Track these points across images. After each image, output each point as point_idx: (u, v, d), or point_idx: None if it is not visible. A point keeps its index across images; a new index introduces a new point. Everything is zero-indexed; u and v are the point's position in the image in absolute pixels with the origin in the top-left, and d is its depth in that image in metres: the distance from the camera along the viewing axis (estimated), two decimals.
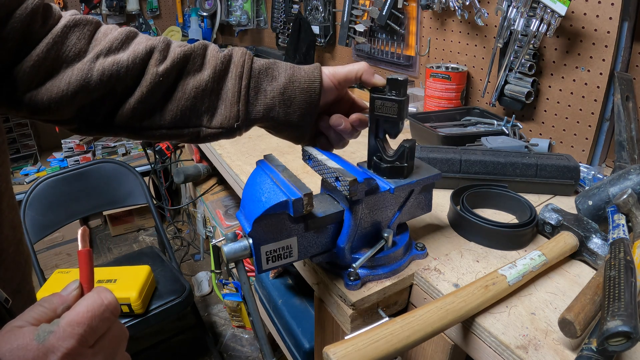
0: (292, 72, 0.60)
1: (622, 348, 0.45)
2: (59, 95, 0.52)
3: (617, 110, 0.92)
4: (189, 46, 0.58)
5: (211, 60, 0.59)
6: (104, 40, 0.55)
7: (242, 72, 0.58)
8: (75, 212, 1.62)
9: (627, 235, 0.61)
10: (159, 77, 0.55)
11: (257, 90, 0.59)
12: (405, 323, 0.53)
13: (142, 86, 0.55)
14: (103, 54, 0.54)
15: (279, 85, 0.59)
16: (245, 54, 0.60)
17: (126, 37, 0.57)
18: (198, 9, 2.71)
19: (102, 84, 0.53)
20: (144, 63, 0.56)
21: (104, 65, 0.53)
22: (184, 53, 0.57)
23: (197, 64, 0.58)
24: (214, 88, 0.58)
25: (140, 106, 0.56)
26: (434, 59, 1.44)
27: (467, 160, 0.89)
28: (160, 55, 0.56)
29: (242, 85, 0.58)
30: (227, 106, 0.59)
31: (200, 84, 0.57)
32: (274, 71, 0.60)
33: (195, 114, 0.59)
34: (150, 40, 0.58)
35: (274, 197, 0.56)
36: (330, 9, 1.85)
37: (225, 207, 1.95)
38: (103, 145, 2.78)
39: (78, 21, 0.54)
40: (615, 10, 0.91)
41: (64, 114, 0.55)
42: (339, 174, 0.59)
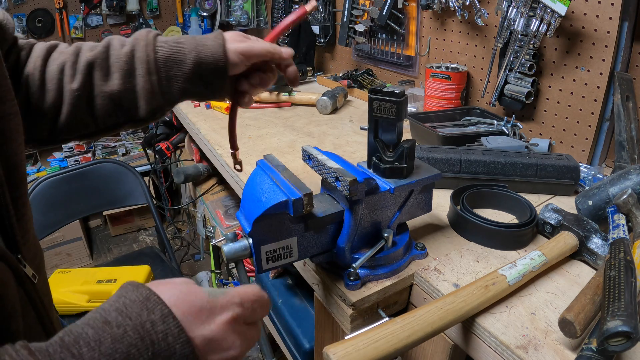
0: (197, 52, 0.61)
1: (622, 348, 0.45)
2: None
3: (617, 110, 0.92)
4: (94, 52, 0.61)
5: (115, 62, 0.60)
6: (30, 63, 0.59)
7: (148, 67, 0.60)
8: (75, 212, 1.62)
9: (627, 235, 0.61)
10: (75, 93, 0.59)
11: (168, 79, 0.62)
12: (405, 323, 0.53)
13: (65, 104, 0.59)
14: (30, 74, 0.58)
15: (187, 69, 0.61)
16: (146, 45, 0.61)
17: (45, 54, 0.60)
18: (198, 9, 2.71)
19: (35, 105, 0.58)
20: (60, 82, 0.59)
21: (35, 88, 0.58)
22: (88, 62, 0.60)
23: (104, 69, 0.60)
24: (127, 88, 0.61)
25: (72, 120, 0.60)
26: (434, 59, 1.44)
27: (467, 160, 0.89)
28: (70, 71, 0.59)
29: (152, 80, 0.60)
30: (146, 101, 0.61)
31: (113, 89, 0.60)
32: (179, 54, 0.61)
33: (121, 112, 0.62)
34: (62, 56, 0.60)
35: (274, 197, 0.56)
36: (330, 9, 1.85)
37: (225, 207, 1.95)
38: (103, 146, 2.78)
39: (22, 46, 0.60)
40: (615, 10, 0.91)
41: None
42: (339, 174, 0.59)
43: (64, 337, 0.33)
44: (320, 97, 1.46)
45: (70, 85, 0.59)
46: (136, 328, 0.34)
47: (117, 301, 0.36)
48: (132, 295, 0.37)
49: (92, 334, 0.33)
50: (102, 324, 0.34)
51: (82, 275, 1.52)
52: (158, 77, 0.61)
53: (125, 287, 0.38)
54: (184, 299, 0.38)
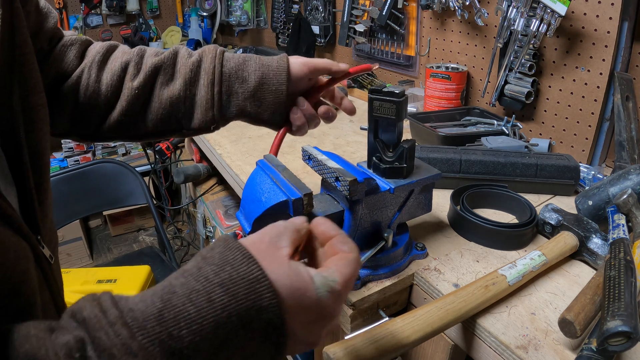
0: (262, 73, 0.64)
1: (622, 348, 0.45)
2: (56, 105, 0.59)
3: (617, 110, 0.92)
4: (160, 57, 0.63)
5: (181, 69, 0.63)
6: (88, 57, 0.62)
7: (213, 79, 0.62)
8: (75, 212, 1.62)
9: (627, 235, 0.61)
10: (134, 91, 0.61)
11: (229, 93, 0.64)
12: (405, 323, 0.53)
13: (121, 100, 0.62)
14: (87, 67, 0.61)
15: (249, 87, 0.64)
16: (215, 58, 0.63)
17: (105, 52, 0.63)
18: (198, 9, 2.71)
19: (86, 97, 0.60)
20: (121, 79, 0.62)
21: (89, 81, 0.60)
22: (155, 65, 0.62)
23: (169, 74, 0.63)
24: (187, 96, 0.63)
25: (124, 118, 0.62)
26: (434, 59, 1.44)
27: (467, 160, 0.89)
28: (134, 70, 0.62)
29: (214, 92, 0.63)
30: (202, 112, 0.63)
31: (173, 93, 0.62)
32: (244, 72, 0.64)
33: (174, 119, 0.64)
34: (126, 55, 0.63)
35: (274, 197, 0.56)
36: (330, 9, 1.85)
37: (225, 207, 1.95)
38: (103, 146, 2.78)
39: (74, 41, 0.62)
40: (615, 10, 0.91)
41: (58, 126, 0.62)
42: (339, 174, 0.59)
43: (163, 311, 0.30)
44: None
45: (131, 83, 0.61)
46: (241, 314, 0.32)
47: (222, 269, 0.33)
48: (241, 270, 0.33)
49: (195, 314, 0.31)
50: (206, 302, 0.31)
51: (82, 275, 1.52)
52: (220, 90, 0.63)
53: (232, 252, 0.34)
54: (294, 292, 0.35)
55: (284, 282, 0.34)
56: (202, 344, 0.30)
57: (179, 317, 0.30)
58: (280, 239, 0.38)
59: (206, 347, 0.30)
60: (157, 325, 0.30)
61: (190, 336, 0.30)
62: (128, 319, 0.29)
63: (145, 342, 0.29)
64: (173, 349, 0.29)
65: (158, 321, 0.30)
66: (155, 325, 0.30)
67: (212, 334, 0.31)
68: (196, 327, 0.30)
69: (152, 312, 0.30)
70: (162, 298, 0.31)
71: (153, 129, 0.64)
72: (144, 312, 0.30)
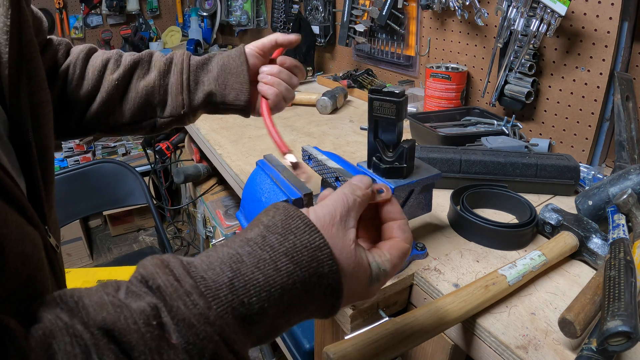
0: (223, 62, 0.71)
1: (622, 348, 0.45)
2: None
3: (617, 110, 0.92)
4: (138, 55, 0.71)
5: (156, 63, 0.71)
6: (72, 54, 0.68)
7: (182, 68, 0.70)
8: (75, 212, 1.62)
9: (627, 235, 0.61)
10: (114, 82, 0.67)
11: (196, 81, 0.71)
12: (405, 323, 0.53)
13: (101, 92, 0.67)
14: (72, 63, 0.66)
15: (213, 75, 0.71)
16: (183, 54, 0.72)
17: (87, 51, 0.69)
18: (198, 9, 2.71)
19: (70, 90, 0.66)
20: (101, 74, 0.68)
21: (74, 77, 0.66)
22: (134, 60, 0.69)
23: (145, 68, 0.70)
24: (160, 84, 0.70)
25: (102, 109, 0.68)
26: (434, 59, 1.44)
27: (467, 160, 0.89)
28: (114, 65, 0.69)
29: (183, 78, 0.70)
30: (174, 97, 0.70)
31: (149, 83, 0.69)
32: (209, 65, 0.72)
33: (150, 107, 0.70)
34: (106, 54, 0.70)
35: (274, 197, 0.56)
36: (330, 9, 1.85)
37: (225, 207, 1.95)
38: (103, 146, 2.78)
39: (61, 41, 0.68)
40: (615, 10, 0.91)
41: None
42: (339, 174, 0.59)
43: (234, 280, 0.32)
44: (320, 97, 1.46)
45: (111, 76, 0.67)
46: (304, 281, 0.35)
47: (286, 239, 0.35)
48: (304, 239, 0.36)
49: (263, 282, 0.33)
50: (273, 270, 0.33)
51: (82, 275, 1.52)
52: (188, 77, 0.70)
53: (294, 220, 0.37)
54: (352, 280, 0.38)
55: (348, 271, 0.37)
56: (270, 309, 0.33)
57: (248, 286, 0.32)
58: (349, 218, 0.40)
59: (273, 312, 0.33)
60: (229, 293, 0.31)
61: (259, 303, 0.32)
62: (202, 288, 0.31)
63: (220, 310, 0.31)
64: (244, 315, 0.32)
65: (230, 290, 0.32)
66: (227, 294, 0.31)
67: (278, 300, 0.33)
68: (265, 295, 0.33)
69: (223, 281, 0.32)
70: (231, 267, 0.33)
71: (130, 118, 0.70)
72: (216, 281, 0.32)
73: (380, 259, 0.40)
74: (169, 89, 0.70)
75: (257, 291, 0.32)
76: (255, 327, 0.33)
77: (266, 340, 0.35)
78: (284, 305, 0.34)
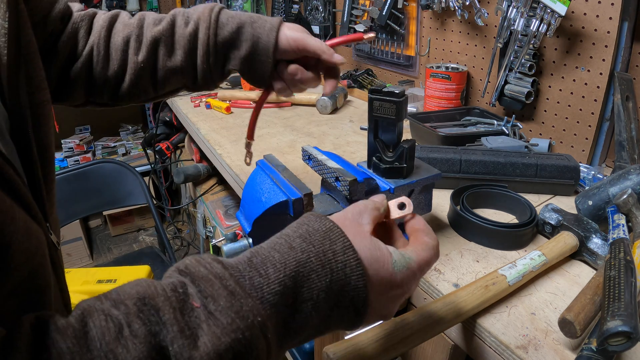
0: (252, 43, 0.66)
1: (622, 348, 0.45)
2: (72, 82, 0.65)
3: (617, 110, 0.92)
4: (158, 27, 0.66)
5: (180, 39, 0.67)
6: (94, 32, 0.66)
7: (207, 50, 0.66)
8: (75, 212, 1.62)
9: (627, 235, 0.61)
10: (140, 65, 0.66)
11: (223, 59, 0.68)
12: (405, 323, 0.53)
13: (129, 73, 0.66)
14: (95, 44, 0.65)
15: (241, 54, 0.67)
16: (209, 28, 0.66)
17: (108, 25, 0.66)
18: None
19: (97, 73, 0.65)
20: (125, 53, 0.66)
21: (99, 58, 0.65)
22: (154, 37, 0.66)
23: (169, 45, 0.67)
24: (188, 65, 0.68)
25: (133, 89, 0.68)
26: (434, 59, 1.44)
27: (467, 160, 0.89)
28: (135, 43, 0.66)
29: (210, 62, 0.67)
30: (202, 77, 0.69)
31: (176, 65, 0.67)
32: (237, 40, 0.67)
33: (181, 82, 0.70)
34: (127, 28, 0.67)
35: (274, 197, 0.56)
36: (330, 9, 1.85)
37: (225, 207, 1.95)
38: (103, 145, 2.78)
39: (83, 16, 0.66)
40: (615, 10, 0.91)
41: (78, 95, 0.67)
42: (339, 174, 0.59)
43: (252, 258, 0.36)
44: (320, 97, 1.46)
45: (135, 57, 0.66)
46: (318, 255, 0.37)
47: (299, 228, 0.39)
48: (315, 225, 0.39)
49: (279, 258, 0.36)
50: (287, 249, 0.37)
51: (82, 275, 1.52)
52: (215, 59, 0.67)
53: (307, 217, 0.40)
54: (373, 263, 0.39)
55: (366, 254, 0.38)
56: (287, 280, 0.35)
57: (265, 261, 0.35)
58: (362, 217, 0.42)
59: (291, 283, 0.35)
60: (247, 267, 0.35)
61: (276, 273, 0.35)
62: (222, 260, 0.35)
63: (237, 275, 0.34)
64: (261, 284, 0.34)
65: (248, 264, 0.35)
66: (245, 267, 0.35)
67: (294, 272, 0.35)
68: (280, 266, 0.35)
69: (242, 260, 0.36)
70: (250, 252, 0.37)
71: (162, 92, 0.71)
72: (235, 261, 0.36)
73: (404, 250, 0.41)
74: (197, 69, 0.69)
75: (274, 264, 0.35)
76: (275, 298, 0.34)
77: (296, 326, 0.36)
78: (300, 278, 0.35)
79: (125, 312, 0.30)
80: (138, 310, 0.30)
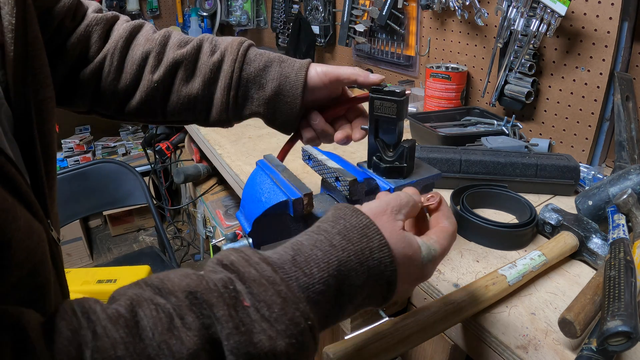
0: (279, 82, 0.63)
1: (622, 348, 0.45)
2: (77, 88, 0.61)
3: (617, 110, 0.92)
4: (182, 50, 0.62)
5: (202, 67, 0.63)
6: (111, 40, 0.62)
7: (230, 83, 0.62)
8: (75, 212, 1.62)
9: (627, 235, 0.61)
10: (153, 84, 0.62)
11: (245, 97, 0.64)
12: (405, 323, 0.53)
13: (140, 91, 0.62)
14: (109, 53, 0.61)
15: (265, 95, 0.63)
16: (235, 61, 0.63)
17: (128, 35, 0.62)
18: (198, 9, 2.70)
19: (107, 84, 0.62)
20: (141, 69, 0.62)
21: (111, 68, 0.61)
22: (176, 60, 0.62)
23: (189, 71, 0.63)
24: (204, 95, 0.63)
25: (142, 107, 0.64)
26: (434, 59, 1.44)
27: (467, 160, 0.89)
28: (154, 61, 0.62)
29: (230, 95, 0.63)
30: (217, 111, 0.64)
31: (191, 92, 0.63)
32: (262, 79, 0.63)
33: (192, 114, 0.65)
34: (148, 43, 0.63)
35: (274, 197, 0.56)
36: (330, 9, 1.85)
37: (225, 207, 1.95)
38: (103, 146, 2.78)
39: (99, 20, 0.62)
40: (615, 10, 0.91)
41: (82, 103, 0.64)
42: (339, 174, 0.59)
43: (295, 256, 0.37)
44: None
45: (150, 75, 0.62)
46: (357, 254, 0.38)
47: (337, 223, 0.40)
48: (353, 221, 0.40)
49: (321, 256, 0.37)
50: (328, 246, 0.38)
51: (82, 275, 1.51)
52: (235, 94, 0.63)
53: (343, 210, 0.41)
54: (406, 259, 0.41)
55: (399, 250, 0.41)
56: (330, 279, 0.36)
57: (309, 259, 0.37)
58: (400, 212, 0.44)
59: (333, 282, 0.36)
60: (292, 266, 0.36)
61: (320, 272, 0.36)
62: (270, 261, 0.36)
63: (285, 277, 0.35)
64: (308, 284, 0.35)
65: (293, 264, 0.36)
66: (291, 267, 0.36)
67: (336, 271, 0.37)
68: (324, 265, 0.36)
69: (286, 258, 0.37)
70: (292, 249, 0.38)
71: (170, 118, 0.66)
72: (280, 258, 0.36)
73: (430, 241, 0.44)
74: (214, 102, 0.64)
75: (317, 263, 0.36)
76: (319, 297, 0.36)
77: (333, 317, 0.38)
78: (342, 276, 0.37)
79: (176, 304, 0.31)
80: (190, 304, 0.31)
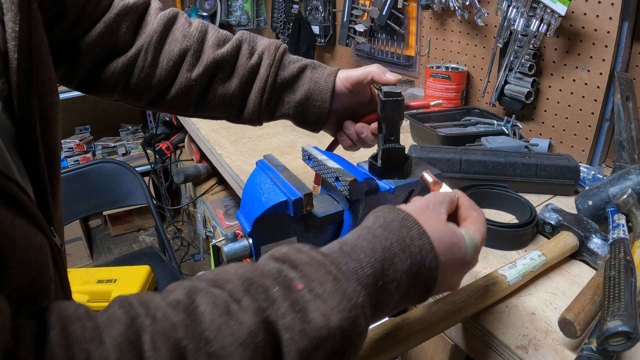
0: (309, 87, 0.67)
1: (622, 348, 0.45)
2: (106, 80, 0.62)
3: (617, 110, 0.92)
4: (222, 50, 0.64)
5: (240, 69, 0.65)
6: (144, 34, 0.62)
7: (264, 87, 0.66)
8: (75, 212, 1.62)
9: (627, 235, 0.61)
10: (191, 82, 0.63)
11: (277, 100, 0.68)
12: (405, 323, 0.53)
13: (175, 87, 0.64)
14: (144, 49, 0.62)
15: (295, 98, 0.68)
16: (271, 66, 0.66)
17: (163, 30, 0.62)
18: (198, 9, 2.70)
19: (140, 79, 0.62)
20: (177, 66, 0.63)
21: (145, 64, 0.62)
22: (216, 60, 0.64)
23: (227, 72, 0.65)
24: (239, 96, 0.67)
25: (175, 101, 0.65)
26: (434, 59, 1.44)
27: (467, 160, 0.89)
28: (192, 59, 0.63)
29: (263, 98, 0.67)
30: (250, 112, 0.68)
31: (228, 92, 0.66)
32: (295, 84, 0.68)
33: (224, 111, 0.69)
34: (186, 40, 0.63)
35: (274, 197, 0.56)
36: (330, 9, 1.85)
37: (225, 207, 1.95)
38: (103, 146, 2.78)
39: (129, 9, 0.61)
40: (615, 10, 0.91)
41: (110, 95, 0.65)
42: (339, 174, 0.59)
43: (342, 247, 0.40)
44: None
45: (188, 74, 0.63)
46: (399, 241, 0.41)
47: (377, 220, 0.43)
48: (391, 216, 0.43)
49: (366, 245, 0.40)
50: (372, 237, 0.41)
51: (82, 275, 1.52)
52: (269, 98, 0.67)
53: (382, 209, 0.45)
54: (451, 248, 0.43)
55: (443, 239, 0.43)
56: (377, 264, 0.39)
57: (355, 248, 0.39)
58: (441, 207, 0.47)
59: (380, 266, 0.39)
60: (340, 254, 0.39)
61: (367, 258, 0.39)
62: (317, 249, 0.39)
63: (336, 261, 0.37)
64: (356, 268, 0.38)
65: (340, 252, 0.39)
66: (339, 255, 0.39)
67: (382, 256, 0.39)
68: (370, 252, 0.39)
69: (333, 248, 0.40)
70: (338, 242, 0.41)
71: (202, 114, 0.69)
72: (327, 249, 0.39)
73: (469, 231, 0.46)
74: (248, 103, 0.67)
75: (363, 249, 0.39)
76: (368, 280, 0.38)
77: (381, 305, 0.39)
78: (387, 262, 0.39)
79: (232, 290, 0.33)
80: (246, 289, 0.33)
